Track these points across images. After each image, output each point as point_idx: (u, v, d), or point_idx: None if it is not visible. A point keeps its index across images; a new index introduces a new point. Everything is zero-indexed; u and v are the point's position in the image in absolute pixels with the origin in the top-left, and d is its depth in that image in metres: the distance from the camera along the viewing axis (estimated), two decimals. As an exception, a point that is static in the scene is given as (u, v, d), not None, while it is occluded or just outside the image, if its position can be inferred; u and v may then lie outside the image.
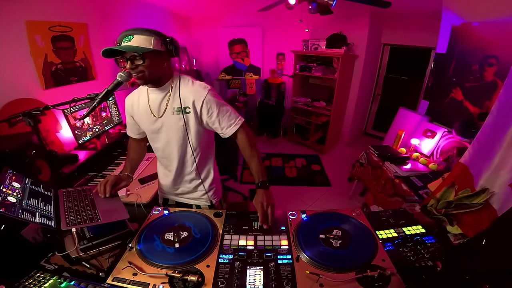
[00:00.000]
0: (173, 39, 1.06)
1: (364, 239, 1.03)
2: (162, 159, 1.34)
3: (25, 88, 1.81)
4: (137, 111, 1.24)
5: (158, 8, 3.36)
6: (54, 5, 1.95)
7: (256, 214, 1.15)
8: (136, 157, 1.41)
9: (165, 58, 1.09)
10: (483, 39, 2.19)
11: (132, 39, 0.98)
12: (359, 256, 0.95)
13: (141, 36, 0.99)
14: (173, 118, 1.17)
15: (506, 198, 1.07)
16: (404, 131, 2.57)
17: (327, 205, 2.95)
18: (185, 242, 1.02)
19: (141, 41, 0.98)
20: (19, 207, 0.89)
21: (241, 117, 1.23)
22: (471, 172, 1.25)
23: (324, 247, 0.99)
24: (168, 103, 1.16)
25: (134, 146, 1.41)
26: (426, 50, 3.66)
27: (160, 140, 1.25)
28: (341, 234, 1.04)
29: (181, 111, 1.15)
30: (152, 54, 1.01)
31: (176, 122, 1.17)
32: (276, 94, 4.38)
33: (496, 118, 1.19)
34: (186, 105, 1.15)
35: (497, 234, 0.91)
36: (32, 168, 1.41)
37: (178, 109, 1.15)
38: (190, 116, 1.17)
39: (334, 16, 2.90)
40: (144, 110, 1.21)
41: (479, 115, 2.18)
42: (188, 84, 1.16)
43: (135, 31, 0.99)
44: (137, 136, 1.37)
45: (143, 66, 1.01)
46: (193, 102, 1.13)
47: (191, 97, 1.13)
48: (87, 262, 0.97)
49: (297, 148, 4.43)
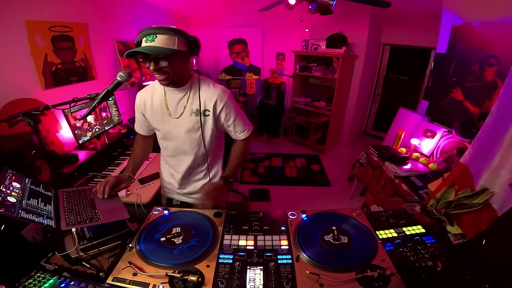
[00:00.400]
0: (196, 38, 1.03)
1: (364, 239, 1.03)
2: (170, 158, 1.33)
3: (25, 88, 1.81)
4: (150, 108, 1.22)
5: (158, 8, 3.36)
6: (54, 5, 1.95)
7: (255, 214, 1.19)
8: (140, 154, 1.39)
9: (187, 58, 1.07)
10: (483, 39, 2.19)
11: (155, 38, 0.94)
12: (359, 256, 0.95)
13: (164, 35, 0.95)
14: (190, 120, 1.16)
15: (506, 198, 1.07)
16: (404, 131, 2.57)
17: (327, 205, 2.95)
18: (185, 242, 1.02)
19: (165, 41, 0.95)
20: (19, 207, 0.89)
21: (251, 125, 1.29)
22: (471, 172, 1.25)
23: (324, 247, 0.99)
24: (187, 104, 1.15)
25: (140, 142, 1.40)
26: (426, 50, 3.66)
27: (173, 140, 1.24)
28: (341, 234, 1.04)
29: (200, 114, 1.14)
30: (176, 55, 0.98)
31: (192, 124, 1.17)
32: (276, 94, 4.38)
33: (496, 118, 1.19)
34: (206, 108, 1.15)
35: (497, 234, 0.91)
36: (32, 168, 1.41)
37: (196, 111, 1.14)
38: (208, 119, 1.17)
39: (334, 16, 2.90)
40: (159, 109, 1.19)
41: (479, 115, 2.18)
42: (210, 86, 1.16)
43: (158, 30, 0.95)
44: (146, 133, 1.36)
45: (167, 68, 0.98)
46: (214, 105, 1.14)
47: (213, 100, 1.13)
48: (87, 262, 0.97)
49: (297, 148, 4.43)
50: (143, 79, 2.94)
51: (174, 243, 1.01)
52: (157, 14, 3.37)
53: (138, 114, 1.30)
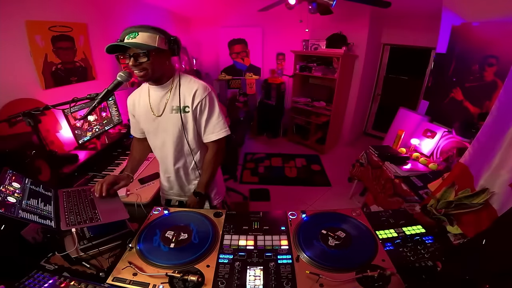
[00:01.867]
0: (177, 38, 1.06)
1: (364, 239, 1.03)
2: (160, 157, 1.34)
3: (25, 88, 1.81)
4: (138, 109, 1.24)
5: (158, 8, 3.36)
6: (54, 5, 1.95)
7: (255, 214, 1.18)
8: (138, 156, 1.40)
9: (167, 57, 1.09)
10: (483, 39, 2.19)
11: (137, 36, 0.97)
12: (359, 256, 0.95)
13: (146, 33, 0.98)
14: (171, 117, 1.17)
15: (506, 198, 1.07)
16: (404, 131, 2.57)
17: (327, 205, 2.95)
18: (185, 242, 1.02)
19: (146, 38, 0.98)
20: (19, 207, 0.89)
21: (227, 130, 1.22)
22: (471, 172, 1.25)
23: (324, 247, 0.99)
24: (168, 101, 1.16)
25: (136, 145, 1.41)
26: (426, 50, 3.66)
27: (158, 139, 1.25)
28: (341, 234, 1.04)
29: (180, 110, 1.15)
30: (156, 52, 1.01)
31: (174, 122, 1.17)
32: (276, 94, 4.38)
33: (496, 118, 1.19)
34: (186, 104, 1.15)
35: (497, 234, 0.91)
36: (32, 168, 1.41)
37: (176, 108, 1.15)
38: (189, 116, 1.16)
39: (334, 16, 2.90)
40: (144, 108, 1.21)
41: (479, 115, 2.18)
42: (190, 82, 1.16)
43: (140, 28, 0.99)
44: (140, 135, 1.37)
45: (146, 64, 1.01)
46: (192, 100, 1.14)
47: (191, 94, 1.13)
48: (87, 262, 0.97)
49: (297, 148, 4.43)
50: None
51: (174, 243, 1.01)
52: (157, 14, 3.37)
53: (131, 116, 1.32)
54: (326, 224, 1.10)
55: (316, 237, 1.04)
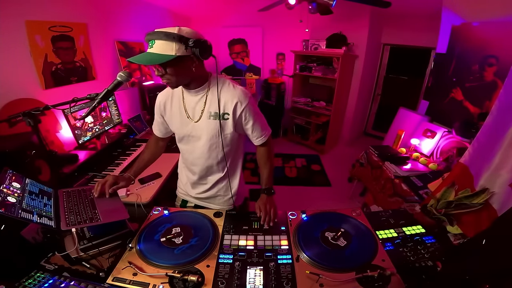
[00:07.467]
0: (199, 41, 0.95)
1: (364, 239, 1.03)
2: (188, 161, 1.29)
3: (25, 88, 1.81)
4: (169, 111, 1.20)
5: (158, 8, 3.36)
6: (54, 5, 1.95)
7: (255, 214, 1.18)
8: (147, 158, 1.35)
9: (192, 62, 1.00)
10: (483, 39, 2.19)
11: (153, 44, 0.91)
12: (359, 256, 0.95)
13: (162, 41, 0.91)
14: (208, 123, 1.12)
15: (506, 198, 1.07)
16: (404, 131, 2.57)
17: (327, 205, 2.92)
18: (185, 242, 1.02)
19: (163, 46, 0.91)
20: (19, 207, 0.89)
21: (269, 128, 1.25)
22: (471, 172, 1.25)
23: (324, 247, 0.99)
24: (205, 107, 1.11)
25: (152, 144, 1.37)
26: (426, 50, 3.66)
27: (191, 143, 1.21)
28: (341, 234, 1.04)
29: (219, 117, 1.10)
30: (176, 61, 0.93)
31: (211, 128, 1.12)
32: (276, 94, 4.38)
33: (496, 118, 1.19)
34: (226, 111, 1.10)
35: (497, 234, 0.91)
36: (32, 168, 1.41)
37: (215, 114, 1.10)
38: (228, 122, 1.12)
39: (334, 16, 2.90)
40: (177, 111, 1.16)
41: (479, 115, 2.18)
42: (229, 88, 1.10)
43: (156, 35, 0.91)
44: (162, 135, 1.33)
45: (168, 74, 0.97)
46: (234, 108, 1.09)
47: (233, 101, 1.08)
48: (87, 262, 0.97)
49: (297, 148, 4.43)
50: (143, 79, 2.94)
51: (174, 243, 1.01)
52: (157, 14, 3.37)
53: (157, 116, 1.27)
54: (326, 224, 1.10)
55: (316, 237, 1.04)
